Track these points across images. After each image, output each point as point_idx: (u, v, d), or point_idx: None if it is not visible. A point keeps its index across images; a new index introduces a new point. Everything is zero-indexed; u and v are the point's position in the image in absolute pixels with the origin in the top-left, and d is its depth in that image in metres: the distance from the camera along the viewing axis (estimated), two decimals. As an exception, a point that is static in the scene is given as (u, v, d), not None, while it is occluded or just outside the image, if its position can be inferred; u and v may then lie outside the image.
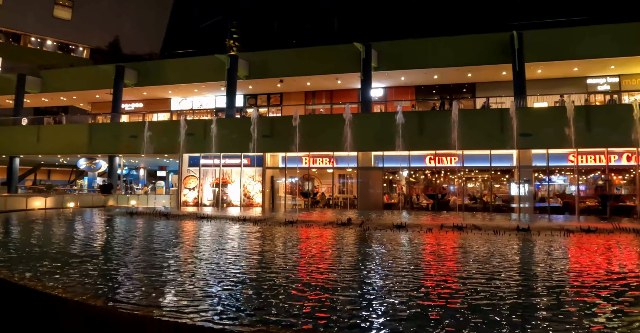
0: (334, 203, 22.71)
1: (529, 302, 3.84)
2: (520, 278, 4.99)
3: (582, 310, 3.58)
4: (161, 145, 23.13)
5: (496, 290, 4.28)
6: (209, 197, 23.71)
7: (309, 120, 21.35)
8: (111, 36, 46.66)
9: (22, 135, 28.77)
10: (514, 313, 3.51)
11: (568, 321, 3.25)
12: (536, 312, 3.57)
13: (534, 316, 3.43)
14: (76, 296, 3.65)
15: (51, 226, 11.36)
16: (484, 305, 3.68)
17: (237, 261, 5.99)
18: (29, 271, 4.79)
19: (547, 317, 3.39)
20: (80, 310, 3.54)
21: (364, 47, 22.80)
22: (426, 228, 10.55)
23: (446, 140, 17.07)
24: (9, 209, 19.19)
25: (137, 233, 9.85)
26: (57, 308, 3.73)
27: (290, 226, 11.44)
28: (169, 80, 27.66)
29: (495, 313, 3.44)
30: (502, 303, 3.75)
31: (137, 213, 15.57)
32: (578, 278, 4.91)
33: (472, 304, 3.70)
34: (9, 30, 47.99)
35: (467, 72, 23.42)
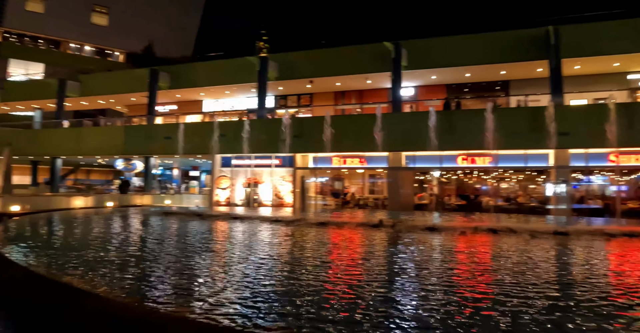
0: (364, 203, 22.68)
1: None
2: (585, 289, 4.60)
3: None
4: (194, 146, 23.65)
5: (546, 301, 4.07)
6: (241, 197, 24.10)
7: (340, 120, 21.34)
8: (145, 41, 48.14)
9: (63, 137, 30.06)
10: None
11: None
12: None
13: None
14: (110, 295, 3.83)
15: (96, 226, 11.82)
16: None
17: (274, 263, 6.09)
18: (84, 272, 5.03)
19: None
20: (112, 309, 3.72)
21: (394, 46, 22.64)
22: (459, 231, 10.41)
23: (479, 140, 16.74)
24: (53, 208, 20.10)
25: (175, 233, 10.13)
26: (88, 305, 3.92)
27: (322, 227, 11.50)
28: (201, 82, 28.28)
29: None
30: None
31: (172, 213, 15.99)
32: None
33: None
34: (50, 37, 50.20)
35: (500, 69, 22.86)
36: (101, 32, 51.35)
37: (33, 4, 48.45)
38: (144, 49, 47.87)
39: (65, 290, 4.39)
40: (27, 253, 6.20)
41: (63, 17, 48.82)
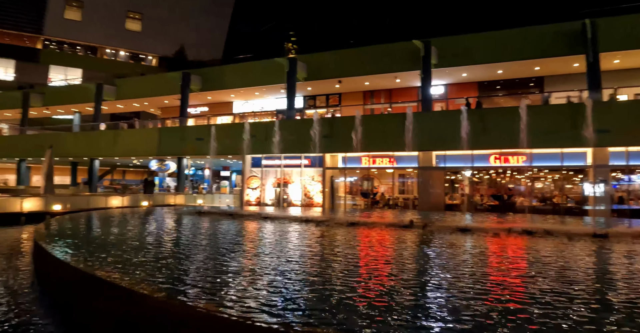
0: (394, 203, 22.52)
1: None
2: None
3: None
4: (225, 147, 24.03)
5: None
6: (271, 197, 24.37)
7: (369, 120, 21.26)
8: (176, 45, 49.44)
9: (100, 139, 31.18)
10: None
11: None
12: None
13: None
14: (154, 293, 3.97)
15: (134, 225, 12.21)
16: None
17: (307, 265, 6.16)
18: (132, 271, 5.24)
19: None
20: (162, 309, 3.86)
21: (423, 44, 22.37)
22: (493, 232, 10.20)
23: (512, 138, 16.30)
24: (92, 207, 20.91)
25: (210, 233, 10.35)
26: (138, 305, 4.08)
27: (353, 227, 11.51)
28: (231, 84, 28.77)
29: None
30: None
31: (204, 213, 16.33)
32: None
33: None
34: (88, 44, 52.24)
35: (534, 65, 22.23)
36: (135, 38, 53.05)
37: (71, 12, 50.52)
38: (175, 52, 49.20)
39: (119, 291, 4.59)
40: (73, 251, 6.49)
41: (99, 24, 50.74)
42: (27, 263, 8.71)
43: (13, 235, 14.31)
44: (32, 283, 7.03)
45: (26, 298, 6.17)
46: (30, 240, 10.79)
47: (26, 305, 5.82)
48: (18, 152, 34.21)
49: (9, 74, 48.26)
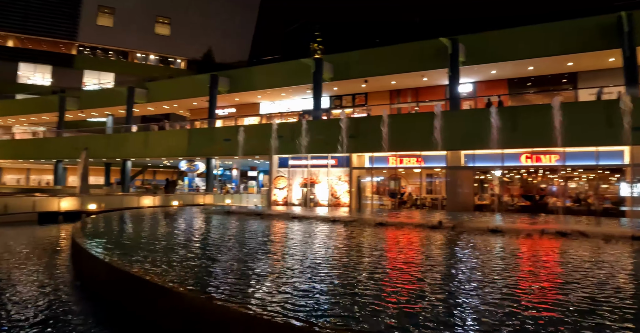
0: (422, 203, 22.28)
1: None
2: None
3: None
4: (252, 148, 24.37)
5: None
6: (298, 197, 24.52)
7: (396, 119, 21.09)
8: (204, 47, 50.44)
9: (132, 140, 32.10)
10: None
11: None
12: None
13: None
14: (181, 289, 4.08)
15: (167, 224, 12.53)
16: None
17: (337, 265, 6.20)
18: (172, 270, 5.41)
19: None
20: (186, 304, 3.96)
21: (451, 41, 22.02)
22: (525, 234, 9.95)
23: (544, 137, 15.88)
24: (125, 207, 21.58)
25: (240, 232, 10.51)
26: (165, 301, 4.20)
27: (380, 228, 11.47)
28: (258, 85, 29.08)
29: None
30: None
31: (232, 212, 16.58)
32: None
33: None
34: (119, 49, 53.92)
35: (566, 61, 21.50)
36: (164, 42, 54.40)
37: (103, 18, 52.27)
38: (203, 55, 50.18)
39: (153, 289, 4.74)
40: (110, 249, 6.73)
41: (130, 29, 52.31)
42: (65, 260, 9.08)
43: (52, 233, 14.91)
44: (70, 280, 7.32)
45: (65, 291, 6.44)
46: (68, 238, 11.23)
47: (64, 298, 6.07)
48: (55, 154, 35.61)
49: (46, 79, 50.26)
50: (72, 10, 50.58)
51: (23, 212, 17.96)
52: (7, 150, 38.64)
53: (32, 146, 38.00)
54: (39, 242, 12.01)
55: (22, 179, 48.15)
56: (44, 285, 6.90)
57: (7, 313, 5.29)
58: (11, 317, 5.18)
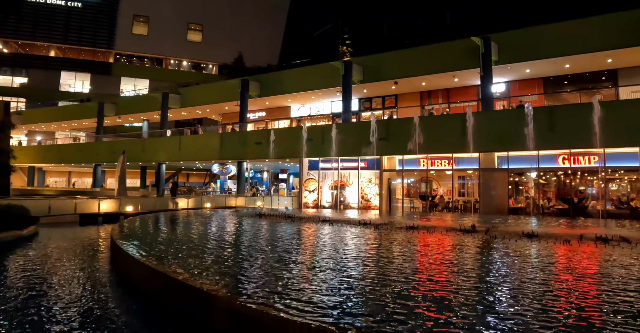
0: (454, 206, 21.89)
1: None
2: None
3: None
4: (283, 150, 24.60)
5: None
6: (328, 199, 24.57)
7: (426, 121, 20.85)
8: (235, 52, 51.43)
9: (167, 144, 33.01)
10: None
11: None
12: None
13: None
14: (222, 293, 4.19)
15: (203, 226, 12.81)
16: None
17: (374, 272, 6.19)
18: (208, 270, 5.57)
19: None
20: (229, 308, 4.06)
21: (482, 40, 21.56)
22: (563, 239, 9.61)
23: (583, 137, 15.32)
24: (160, 209, 22.20)
25: (273, 235, 10.62)
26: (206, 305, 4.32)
27: (412, 231, 11.36)
28: (288, 89, 29.36)
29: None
30: None
31: (264, 215, 16.79)
32: None
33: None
34: (154, 56, 55.72)
35: (605, 58, 20.57)
36: (196, 48, 55.86)
37: (138, 27, 54.23)
38: (234, 60, 51.11)
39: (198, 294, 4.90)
40: (147, 251, 6.97)
41: (163, 37, 54.05)
42: (106, 258, 9.45)
43: (93, 233, 15.51)
44: (109, 278, 7.62)
45: (105, 289, 6.71)
46: (108, 239, 11.67)
47: (105, 295, 6.33)
48: (94, 158, 37.04)
49: (85, 86, 52.43)
50: (109, 20, 52.66)
51: (66, 213, 18.77)
52: (51, 154, 40.55)
53: (73, 150, 39.77)
54: (84, 242, 12.53)
55: (63, 182, 50.34)
56: (87, 282, 7.21)
57: (59, 309, 5.57)
58: (60, 312, 5.44)
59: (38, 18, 51.02)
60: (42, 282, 7.23)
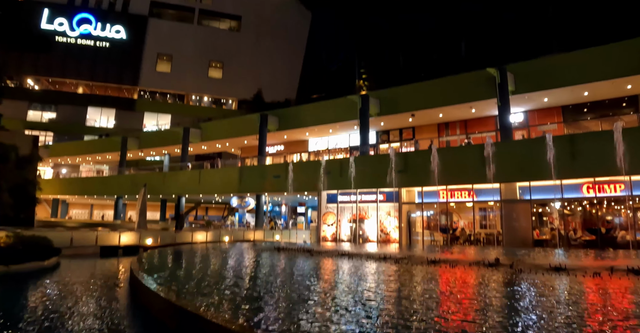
0: (475, 239, 21.35)
1: None
2: None
3: None
4: (301, 184, 24.66)
5: None
6: (347, 233, 24.29)
7: (445, 152, 20.73)
8: (254, 88, 52.96)
9: (187, 178, 33.49)
10: None
11: None
12: None
13: None
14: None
15: (221, 260, 12.76)
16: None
17: (394, 310, 6.03)
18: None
19: None
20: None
21: (498, 71, 21.65)
22: (592, 272, 9.22)
23: (607, 165, 15.04)
24: (179, 242, 22.24)
25: (293, 271, 10.49)
26: None
27: (433, 266, 11.07)
28: (306, 123, 29.75)
29: None
30: None
31: (282, 249, 16.64)
32: None
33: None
34: (176, 92, 57.74)
35: (625, 84, 20.19)
36: (216, 84, 57.76)
37: (162, 65, 56.60)
38: (253, 95, 52.51)
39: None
40: (166, 285, 6.94)
41: (186, 74, 56.23)
42: (125, 291, 9.42)
43: (113, 266, 15.56)
44: (128, 311, 7.56)
45: (125, 321, 6.65)
46: (127, 271, 11.69)
47: (124, 328, 6.27)
48: (116, 190, 37.76)
49: (110, 121, 54.28)
50: (135, 59, 55.09)
51: (87, 245, 18.99)
52: (74, 186, 41.57)
53: (96, 183, 40.74)
54: (104, 274, 12.57)
55: (85, 213, 51.24)
56: (105, 314, 7.17)
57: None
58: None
59: (68, 57, 53.69)
60: (60, 314, 7.24)
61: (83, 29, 54.25)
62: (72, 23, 54.02)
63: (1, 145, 19.77)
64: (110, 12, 55.55)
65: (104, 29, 54.64)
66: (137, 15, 55.75)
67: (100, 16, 54.83)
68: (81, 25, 54.28)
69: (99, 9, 55.38)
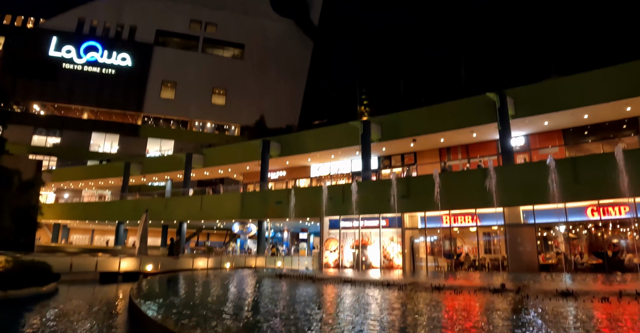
0: (480, 264, 21.02)
1: None
2: None
3: None
4: (303, 210, 24.54)
5: None
6: (349, 259, 23.97)
7: (447, 177, 20.69)
8: (256, 114, 53.63)
9: (189, 203, 33.41)
10: None
11: None
12: None
13: None
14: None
15: (222, 288, 12.53)
16: None
17: None
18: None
19: None
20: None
21: (498, 95, 21.84)
22: (601, 297, 9.02)
23: (610, 188, 14.91)
24: (179, 268, 21.97)
25: (296, 299, 10.27)
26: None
27: (438, 292, 10.85)
28: (308, 148, 29.85)
29: None
30: None
31: (284, 276, 16.39)
32: None
33: None
34: (179, 118, 58.44)
35: (624, 106, 20.14)
36: (220, 110, 58.51)
37: (166, 92, 57.58)
38: (255, 121, 53.03)
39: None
40: (165, 314, 6.79)
41: (189, 100, 57.14)
42: (124, 319, 9.22)
43: (112, 292, 15.32)
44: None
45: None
46: (126, 298, 11.49)
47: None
48: (118, 216, 37.60)
49: (114, 146, 54.66)
50: (139, 85, 56.06)
51: (86, 270, 18.80)
52: (76, 211, 41.45)
53: (98, 208, 40.66)
54: (103, 301, 12.34)
55: (86, 239, 50.87)
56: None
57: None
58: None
59: (74, 83, 54.57)
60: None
61: (90, 56, 55.43)
62: (79, 50, 55.27)
63: (5, 169, 19.87)
64: (117, 40, 56.91)
65: (110, 57, 55.80)
66: (143, 43, 57.09)
67: (107, 44, 56.14)
68: (88, 53, 55.49)
69: (106, 37, 56.80)
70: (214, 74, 58.31)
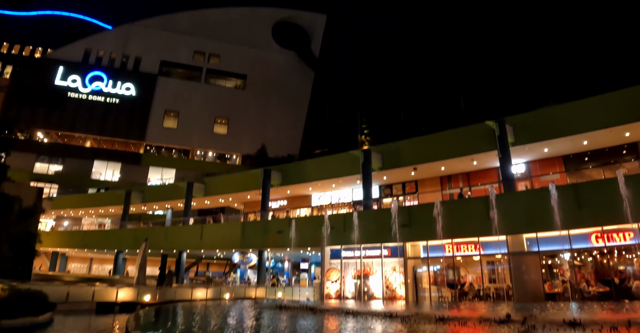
0: (485, 294, 20.57)
1: None
2: None
3: None
4: (304, 239, 24.28)
5: None
6: (351, 289, 23.49)
7: (448, 205, 20.55)
8: (258, 143, 54.16)
9: (189, 232, 33.12)
10: None
11: None
12: None
13: None
14: None
15: (218, 321, 12.23)
16: None
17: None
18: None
19: None
20: None
21: (497, 123, 21.99)
22: (609, 326, 8.77)
23: (613, 213, 14.80)
24: (178, 299, 21.54)
25: (294, 331, 10.02)
26: None
27: (442, 323, 10.58)
28: (309, 178, 29.84)
29: None
30: None
31: (285, 307, 16.04)
32: None
33: None
34: (181, 147, 58.93)
35: (623, 132, 20.23)
36: (221, 139, 59.15)
37: (168, 121, 58.44)
38: (257, 150, 53.42)
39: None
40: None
41: (191, 130, 57.92)
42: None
43: (108, 323, 14.94)
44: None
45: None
46: (122, 330, 11.21)
47: None
48: (117, 244, 37.11)
49: (115, 174, 54.79)
50: (143, 115, 56.87)
51: (83, 300, 18.41)
52: (75, 240, 40.93)
53: (97, 237, 40.18)
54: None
55: (84, 268, 50.05)
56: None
57: None
58: None
59: (78, 112, 55.31)
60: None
61: (95, 86, 56.53)
62: (84, 80, 56.42)
63: (6, 196, 19.79)
64: (122, 70, 58.18)
65: (114, 86, 56.90)
66: (147, 74, 58.34)
67: (112, 74, 57.37)
68: (93, 82, 56.63)
69: (111, 67, 58.11)
70: (216, 104, 59.29)
